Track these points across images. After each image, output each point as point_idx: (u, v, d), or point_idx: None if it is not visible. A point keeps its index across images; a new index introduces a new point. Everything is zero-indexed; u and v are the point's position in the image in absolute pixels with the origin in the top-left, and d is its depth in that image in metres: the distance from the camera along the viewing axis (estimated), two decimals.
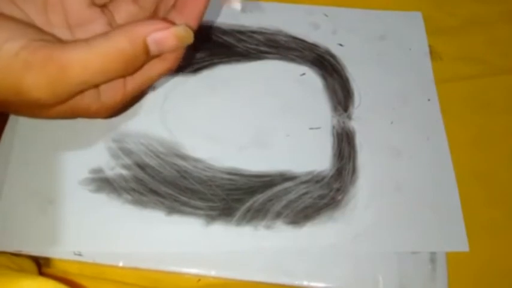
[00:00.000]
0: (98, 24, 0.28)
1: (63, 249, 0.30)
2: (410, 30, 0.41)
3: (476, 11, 0.43)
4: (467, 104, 0.38)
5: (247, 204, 0.32)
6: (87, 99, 0.26)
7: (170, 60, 0.27)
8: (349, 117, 0.36)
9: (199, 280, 0.30)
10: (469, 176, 0.35)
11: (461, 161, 0.35)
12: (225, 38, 0.39)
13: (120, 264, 0.30)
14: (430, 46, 0.40)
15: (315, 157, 0.34)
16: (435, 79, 0.39)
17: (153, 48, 0.24)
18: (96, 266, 0.30)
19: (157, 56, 0.25)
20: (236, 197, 0.32)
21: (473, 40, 0.41)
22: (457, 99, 0.38)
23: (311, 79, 0.38)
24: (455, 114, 0.37)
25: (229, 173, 0.33)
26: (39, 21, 0.26)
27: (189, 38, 0.25)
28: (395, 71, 0.39)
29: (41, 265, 0.30)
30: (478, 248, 0.32)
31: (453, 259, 0.32)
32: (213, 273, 0.30)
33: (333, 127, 0.36)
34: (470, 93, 0.38)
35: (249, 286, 0.30)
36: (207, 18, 0.34)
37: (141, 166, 0.33)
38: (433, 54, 0.40)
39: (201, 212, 0.31)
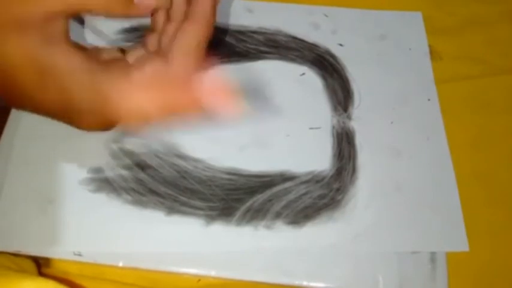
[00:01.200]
0: None
1: (63, 250, 0.30)
2: (410, 30, 0.41)
3: (476, 11, 0.43)
4: (467, 104, 0.38)
5: (247, 204, 0.32)
6: None
7: (199, 22, 0.28)
8: (349, 117, 0.36)
9: (199, 280, 0.30)
10: (469, 176, 0.35)
11: (461, 161, 0.35)
12: (225, 38, 0.39)
13: (120, 264, 0.30)
14: (430, 46, 0.40)
15: (315, 157, 0.34)
16: (435, 79, 0.39)
17: None
18: (96, 266, 0.30)
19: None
20: (236, 197, 0.32)
21: (473, 40, 0.41)
22: (457, 99, 0.38)
23: (311, 79, 0.38)
24: (455, 114, 0.37)
25: (229, 173, 0.33)
26: None
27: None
28: (395, 71, 0.39)
29: (41, 265, 0.30)
30: (478, 248, 0.32)
31: (453, 259, 0.32)
32: (213, 273, 0.30)
33: (333, 127, 0.36)
34: (470, 93, 0.38)
35: (249, 286, 0.30)
36: None
37: (141, 166, 0.32)
38: (433, 54, 0.40)
39: (201, 212, 0.31)
